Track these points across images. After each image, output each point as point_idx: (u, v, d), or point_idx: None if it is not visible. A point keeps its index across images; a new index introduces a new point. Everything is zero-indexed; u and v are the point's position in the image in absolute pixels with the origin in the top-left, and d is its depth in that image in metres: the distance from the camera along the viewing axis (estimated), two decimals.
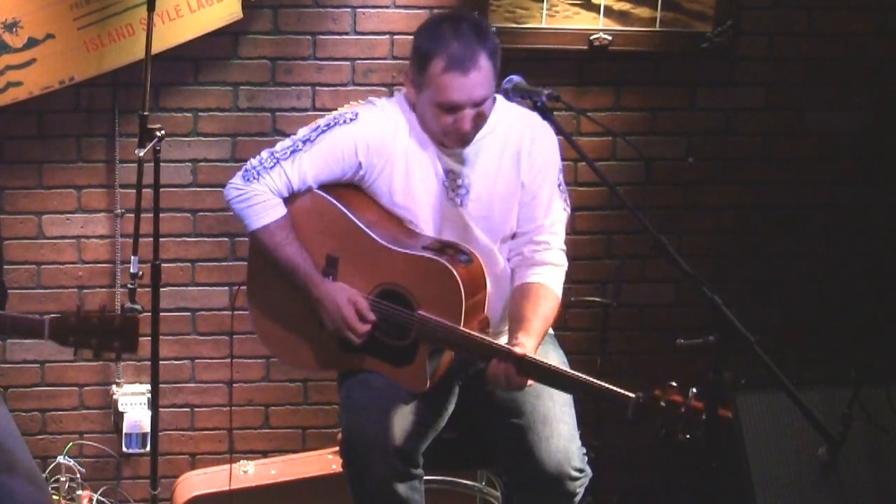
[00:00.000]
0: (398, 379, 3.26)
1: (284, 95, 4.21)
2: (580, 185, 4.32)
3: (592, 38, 4.24)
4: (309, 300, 3.29)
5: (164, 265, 3.90)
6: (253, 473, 4.12)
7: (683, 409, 2.88)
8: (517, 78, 3.14)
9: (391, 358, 3.27)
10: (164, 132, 3.75)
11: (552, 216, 3.36)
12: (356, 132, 3.27)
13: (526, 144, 3.33)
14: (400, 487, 3.23)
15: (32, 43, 3.95)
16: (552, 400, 3.29)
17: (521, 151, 3.33)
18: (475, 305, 3.22)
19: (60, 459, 4.21)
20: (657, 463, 4.52)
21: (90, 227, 4.20)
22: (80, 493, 4.22)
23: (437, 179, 3.31)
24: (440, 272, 3.18)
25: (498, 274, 3.36)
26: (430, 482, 3.43)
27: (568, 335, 4.22)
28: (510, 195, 3.34)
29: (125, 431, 4.25)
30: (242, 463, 4.15)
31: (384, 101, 3.38)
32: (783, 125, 4.47)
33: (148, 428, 4.18)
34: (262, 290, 3.43)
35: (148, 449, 4.17)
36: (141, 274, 3.81)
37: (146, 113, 3.74)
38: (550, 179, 3.36)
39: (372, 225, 3.28)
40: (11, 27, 3.92)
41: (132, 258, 3.81)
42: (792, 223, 4.53)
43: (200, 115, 4.19)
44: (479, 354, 3.17)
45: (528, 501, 3.31)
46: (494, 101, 3.27)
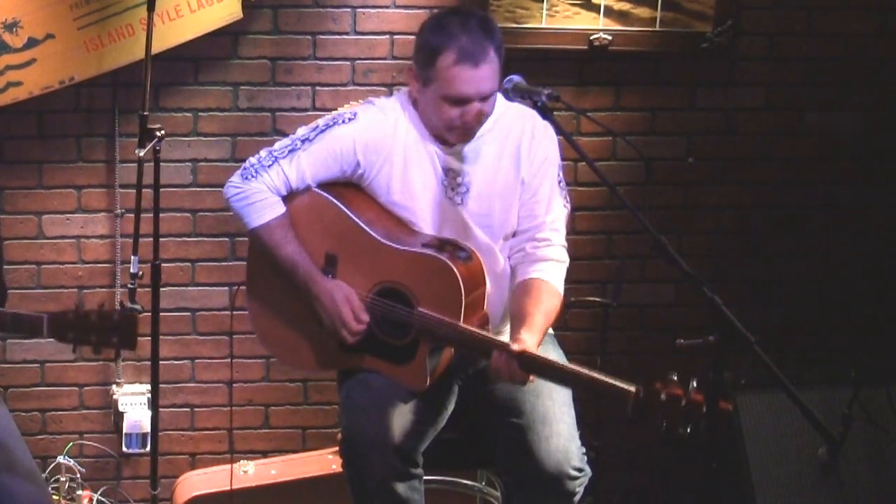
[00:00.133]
0: (398, 377, 3.27)
1: (284, 95, 4.21)
2: (580, 185, 4.32)
3: (592, 38, 4.24)
4: (308, 298, 3.29)
5: (164, 265, 3.90)
6: (253, 473, 4.12)
7: (684, 402, 2.86)
8: (517, 78, 3.15)
9: (391, 356, 3.27)
10: (164, 132, 3.75)
11: (553, 213, 3.36)
12: (354, 132, 3.28)
13: (525, 142, 3.34)
14: (400, 487, 3.23)
15: (32, 43, 3.94)
16: (552, 399, 3.29)
17: (520, 149, 3.34)
18: (475, 302, 3.22)
19: (60, 459, 4.21)
20: (657, 463, 4.52)
21: (90, 227, 4.20)
22: (80, 493, 4.22)
23: (436, 178, 3.31)
24: (440, 269, 3.18)
25: (498, 273, 3.36)
26: (430, 482, 3.43)
27: (568, 335, 4.22)
28: (510, 193, 3.34)
29: (125, 431, 4.25)
30: (242, 463, 4.15)
31: (383, 100, 3.38)
32: (783, 125, 4.47)
33: (148, 428, 4.18)
34: (261, 290, 3.43)
35: (148, 449, 4.17)
36: (141, 274, 3.81)
37: (146, 113, 3.74)
38: (550, 176, 3.36)
39: (371, 223, 3.28)
40: (11, 27, 3.92)
41: (132, 258, 3.81)
42: (792, 223, 4.53)
43: (200, 115, 4.19)
44: (479, 350, 3.17)
45: (527, 501, 3.31)
46: (495, 98, 3.27)
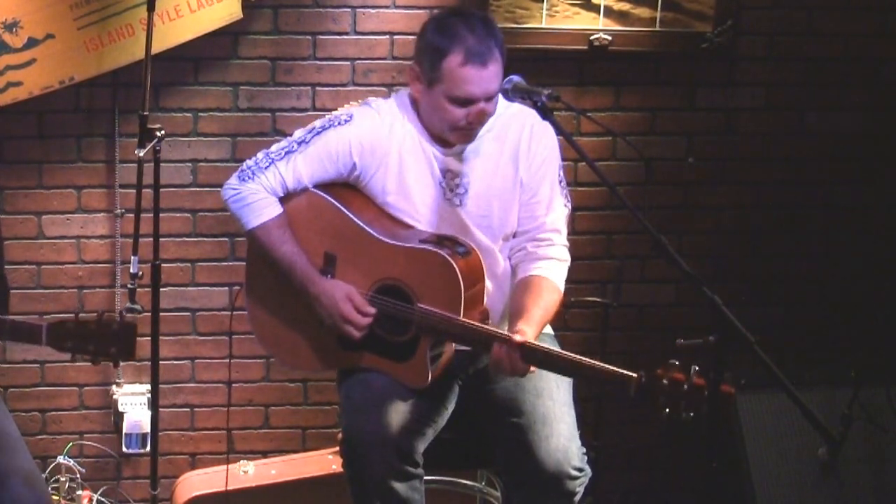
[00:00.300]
0: (399, 374, 3.27)
1: (284, 95, 4.21)
2: (580, 185, 4.32)
3: (592, 38, 4.24)
4: (307, 298, 3.29)
5: (164, 265, 3.90)
6: (253, 473, 4.12)
7: (686, 385, 2.86)
8: (517, 78, 3.15)
9: (392, 354, 3.27)
10: (164, 132, 3.75)
11: (554, 213, 3.36)
12: (351, 133, 3.28)
13: (524, 142, 3.33)
14: (400, 487, 3.23)
15: (32, 43, 3.94)
16: (552, 399, 3.29)
17: (519, 149, 3.33)
18: (474, 296, 3.23)
19: (60, 459, 4.21)
20: (657, 463, 4.52)
21: (90, 227, 4.20)
22: (80, 493, 4.22)
23: (433, 180, 3.31)
24: (439, 264, 3.18)
25: (498, 274, 3.36)
26: (430, 482, 3.43)
27: (568, 335, 4.22)
28: (509, 193, 3.34)
29: (125, 431, 4.25)
30: (242, 463, 4.15)
31: (380, 101, 3.38)
32: (783, 125, 4.47)
33: (148, 428, 4.18)
34: (260, 290, 3.43)
35: (148, 449, 4.17)
36: (141, 274, 3.81)
37: (146, 113, 3.73)
38: (550, 177, 3.36)
39: (369, 222, 3.28)
40: (11, 27, 3.92)
41: (132, 258, 3.80)
42: (792, 223, 4.53)
43: (200, 115, 4.18)
44: (480, 344, 3.17)
45: (527, 501, 3.30)
46: (498, 98, 3.27)
